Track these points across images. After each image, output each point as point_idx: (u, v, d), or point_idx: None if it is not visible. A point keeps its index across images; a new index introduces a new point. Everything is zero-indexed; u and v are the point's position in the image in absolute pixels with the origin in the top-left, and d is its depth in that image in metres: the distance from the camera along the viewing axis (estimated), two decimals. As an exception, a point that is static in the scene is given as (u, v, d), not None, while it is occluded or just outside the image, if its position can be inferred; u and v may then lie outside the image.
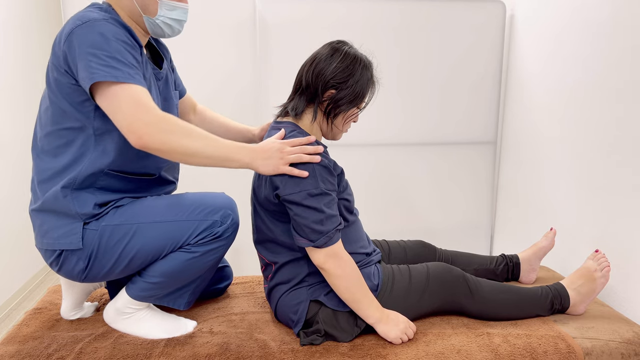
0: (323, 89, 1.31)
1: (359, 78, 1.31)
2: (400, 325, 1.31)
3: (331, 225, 1.25)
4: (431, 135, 2.43)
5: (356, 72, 1.31)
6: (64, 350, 1.28)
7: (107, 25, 1.15)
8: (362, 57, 1.34)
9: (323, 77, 1.30)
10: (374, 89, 1.38)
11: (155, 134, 1.12)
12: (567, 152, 1.91)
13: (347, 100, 1.32)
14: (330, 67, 1.30)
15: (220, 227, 1.28)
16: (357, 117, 1.39)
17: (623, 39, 1.60)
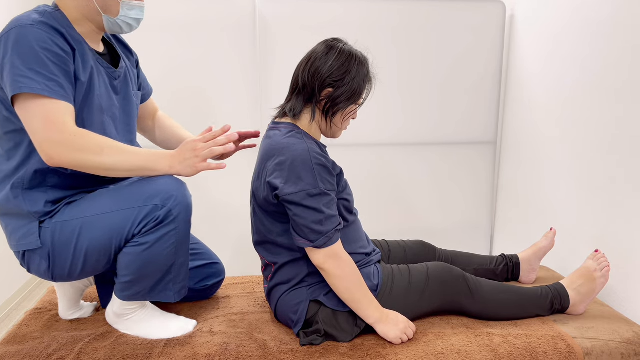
0: (320, 87, 1.31)
1: (356, 75, 1.31)
2: (400, 325, 1.31)
3: (330, 226, 1.25)
4: (431, 135, 2.42)
5: (352, 69, 1.30)
6: (63, 350, 1.28)
7: (34, 32, 1.14)
8: (358, 54, 1.34)
9: (319, 76, 1.30)
10: (371, 84, 1.38)
11: (65, 153, 1.12)
12: (567, 152, 1.91)
13: (345, 97, 1.31)
14: (326, 65, 1.29)
15: (161, 211, 1.21)
16: (355, 114, 1.39)
17: (623, 39, 1.60)
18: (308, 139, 1.32)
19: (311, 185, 1.24)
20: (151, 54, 2.19)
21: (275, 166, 1.27)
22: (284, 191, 1.24)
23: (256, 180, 1.36)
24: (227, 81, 2.25)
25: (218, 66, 2.24)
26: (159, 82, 2.22)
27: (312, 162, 1.25)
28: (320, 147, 1.35)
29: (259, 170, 1.34)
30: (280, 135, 1.32)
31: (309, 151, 1.26)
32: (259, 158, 1.37)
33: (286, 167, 1.25)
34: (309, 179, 1.24)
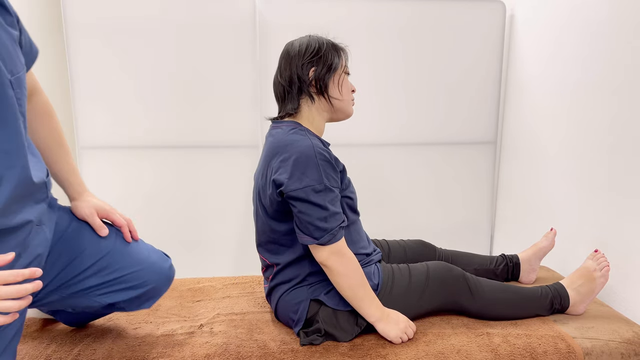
0: (303, 73, 1.34)
1: (324, 47, 1.36)
2: (400, 324, 1.31)
3: (335, 223, 1.25)
4: (432, 135, 2.42)
5: (318, 45, 1.35)
6: (62, 350, 1.28)
7: None
8: (314, 35, 1.41)
9: (296, 66, 1.33)
10: (344, 52, 1.43)
11: None
12: (567, 152, 1.90)
13: (328, 66, 1.35)
14: (296, 56, 1.34)
15: None
16: (351, 85, 1.42)
17: (623, 39, 1.60)
18: (311, 135, 1.32)
19: (316, 180, 1.23)
20: (151, 54, 2.19)
21: (280, 163, 1.27)
22: (289, 187, 1.24)
23: (260, 179, 1.36)
24: (227, 81, 2.25)
25: (218, 66, 2.24)
26: (159, 82, 2.22)
27: (316, 158, 1.25)
28: (324, 144, 1.35)
29: (263, 169, 1.34)
30: (283, 133, 1.32)
31: (314, 147, 1.26)
32: (263, 156, 1.37)
33: (290, 163, 1.25)
34: (314, 175, 1.24)
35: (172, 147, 2.29)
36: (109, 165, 2.27)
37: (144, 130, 2.26)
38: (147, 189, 2.31)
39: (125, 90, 2.22)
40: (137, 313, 1.50)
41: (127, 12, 2.15)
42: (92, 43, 2.17)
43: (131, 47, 2.18)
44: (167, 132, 2.27)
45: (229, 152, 2.32)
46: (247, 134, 2.31)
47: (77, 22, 2.14)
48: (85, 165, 2.26)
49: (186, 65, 2.22)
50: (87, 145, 2.25)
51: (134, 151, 2.27)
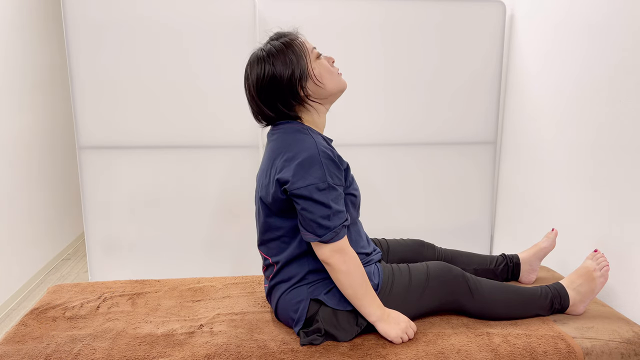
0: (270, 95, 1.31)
1: (279, 57, 1.30)
2: (401, 324, 1.31)
3: (338, 221, 1.25)
4: (432, 135, 2.42)
5: (273, 57, 1.30)
6: (62, 350, 1.28)
7: None
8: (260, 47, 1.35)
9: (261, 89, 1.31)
10: (300, 43, 1.33)
11: None
12: (567, 151, 1.90)
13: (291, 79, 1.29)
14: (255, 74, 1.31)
15: None
16: (326, 60, 1.36)
17: (622, 39, 1.60)
18: (314, 133, 1.32)
19: (320, 179, 1.23)
20: (151, 54, 2.19)
21: (284, 162, 1.27)
22: (293, 185, 1.24)
23: (264, 178, 1.36)
24: (227, 81, 2.25)
25: (218, 66, 2.24)
26: (158, 82, 2.22)
27: (320, 157, 1.25)
28: (327, 141, 1.35)
29: (267, 168, 1.34)
30: (286, 132, 1.33)
31: (317, 145, 1.26)
32: (266, 157, 1.37)
33: (294, 162, 1.25)
34: (318, 173, 1.24)
35: (172, 147, 2.29)
36: (109, 165, 2.27)
37: (144, 130, 2.26)
38: (147, 189, 2.31)
39: (125, 90, 2.22)
40: (137, 313, 1.50)
41: (127, 12, 2.15)
42: (92, 43, 2.17)
43: (131, 47, 2.18)
44: (167, 132, 2.27)
45: (229, 152, 2.32)
46: (247, 134, 2.31)
47: (77, 21, 2.14)
48: (85, 165, 2.26)
49: (186, 65, 2.22)
50: (87, 145, 2.25)
51: (134, 151, 2.27)
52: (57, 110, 3.31)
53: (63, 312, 1.50)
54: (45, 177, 3.10)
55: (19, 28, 2.78)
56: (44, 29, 3.13)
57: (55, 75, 3.31)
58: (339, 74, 1.38)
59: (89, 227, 2.32)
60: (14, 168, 2.69)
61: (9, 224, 2.63)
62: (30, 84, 2.91)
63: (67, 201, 3.46)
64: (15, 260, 2.68)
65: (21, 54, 2.80)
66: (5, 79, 2.62)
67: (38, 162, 3.00)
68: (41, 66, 3.07)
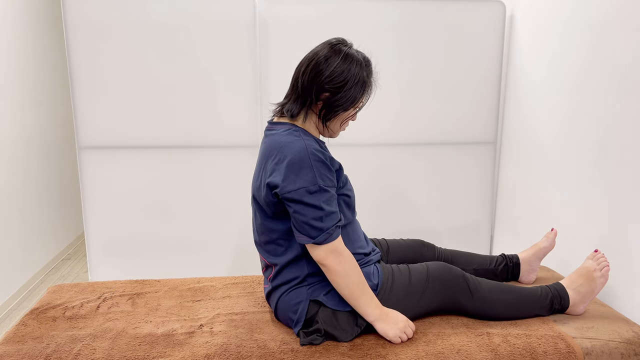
0: (317, 91, 1.30)
1: (355, 82, 1.30)
2: (399, 324, 1.31)
3: (331, 222, 1.25)
4: (431, 135, 2.42)
5: (352, 76, 1.29)
6: (62, 350, 1.28)
7: None
8: (360, 59, 1.32)
9: (319, 80, 1.29)
10: (370, 90, 1.36)
11: None
12: (567, 151, 1.90)
13: (342, 104, 1.31)
14: (327, 70, 1.28)
15: None
16: (355, 117, 1.39)
17: (622, 39, 1.60)
18: (306, 136, 1.32)
19: (310, 182, 1.24)
20: (151, 54, 2.19)
21: (274, 165, 1.27)
22: (284, 189, 1.24)
23: (256, 181, 1.36)
24: (227, 81, 2.25)
25: (218, 66, 2.24)
26: (158, 82, 2.22)
27: (310, 159, 1.25)
28: (319, 144, 1.35)
29: (259, 171, 1.35)
30: (278, 135, 1.32)
31: (307, 148, 1.26)
32: (259, 159, 1.37)
33: (284, 166, 1.25)
34: (308, 176, 1.24)
35: (172, 147, 2.29)
36: (108, 165, 2.27)
37: (144, 130, 2.26)
38: (147, 189, 2.31)
39: (125, 90, 2.22)
40: (137, 313, 1.50)
41: (127, 12, 2.15)
42: (92, 43, 2.17)
43: (131, 47, 2.18)
44: (167, 132, 2.27)
45: (229, 152, 2.32)
46: (247, 134, 2.31)
47: (77, 22, 2.14)
48: (85, 165, 2.26)
49: (186, 65, 2.22)
50: (87, 145, 2.25)
51: (134, 151, 2.27)
52: (57, 110, 3.31)
53: (63, 312, 1.50)
54: (45, 177, 3.10)
55: (20, 28, 2.78)
56: (44, 29, 3.13)
57: (55, 75, 3.31)
58: (344, 129, 1.41)
59: (89, 227, 2.32)
60: (14, 168, 2.69)
61: (9, 224, 2.63)
62: (30, 84, 2.91)
63: (67, 201, 3.46)
64: (16, 260, 2.68)
65: (21, 54, 2.80)
66: (5, 79, 2.62)
67: (38, 162, 3.00)
68: (41, 66, 3.07)
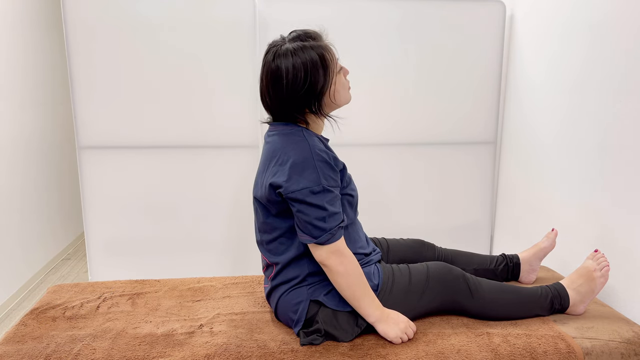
0: (290, 100, 1.28)
1: (311, 69, 1.25)
2: (400, 324, 1.31)
3: (334, 223, 1.25)
4: (431, 135, 2.42)
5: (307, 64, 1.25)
6: (62, 350, 1.28)
7: None
8: (297, 46, 1.27)
9: (283, 89, 1.27)
10: (331, 56, 1.30)
11: None
12: (567, 151, 1.90)
13: (314, 89, 1.27)
14: (284, 74, 1.26)
15: None
16: (344, 72, 1.34)
17: (622, 38, 1.60)
18: (309, 134, 1.31)
19: (314, 182, 1.23)
20: (151, 54, 2.19)
21: (278, 166, 1.27)
22: (287, 189, 1.24)
23: (259, 181, 1.36)
24: (227, 81, 2.25)
25: (218, 66, 2.24)
26: (158, 82, 2.22)
27: (314, 160, 1.25)
28: (323, 142, 1.34)
29: (263, 172, 1.34)
30: (281, 135, 1.32)
31: (311, 148, 1.26)
32: (262, 160, 1.37)
33: (288, 166, 1.25)
34: (312, 176, 1.24)
35: (172, 147, 2.29)
36: (108, 165, 2.27)
37: (144, 130, 2.26)
38: (147, 189, 2.31)
39: (125, 90, 2.22)
40: (137, 313, 1.50)
41: (127, 12, 2.15)
42: (92, 43, 2.16)
43: (131, 47, 2.18)
44: (167, 132, 2.27)
45: (229, 152, 2.32)
46: (247, 134, 2.31)
47: (77, 22, 2.14)
48: (85, 165, 2.26)
49: (186, 65, 2.22)
50: (87, 145, 2.25)
51: (133, 151, 2.27)
52: (57, 110, 3.31)
53: (63, 312, 1.50)
54: (45, 177, 3.10)
55: (20, 28, 2.77)
56: (44, 29, 3.13)
57: (55, 75, 3.31)
58: (349, 88, 1.38)
59: (89, 227, 2.32)
60: (14, 168, 2.69)
61: (9, 224, 2.63)
62: (30, 84, 2.91)
63: (67, 201, 3.46)
64: (16, 260, 2.68)
65: (22, 54, 2.80)
66: (5, 79, 2.62)
67: (38, 162, 3.00)
68: (41, 66, 3.07)
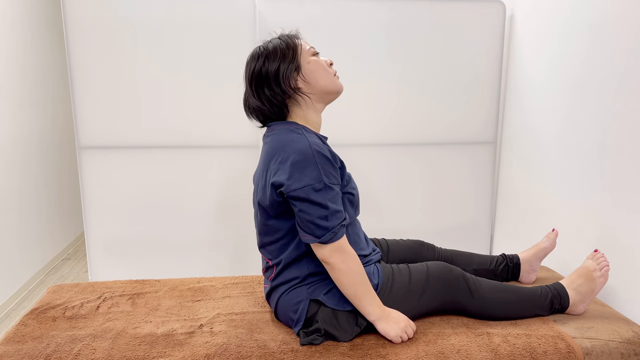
0: (262, 85, 1.33)
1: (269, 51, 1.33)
2: (400, 323, 1.31)
3: (336, 221, 1.25)
4: (431, 135, 2.42)
5: (265, 50, 1.34)
6: (62, 350, 1.28)
7: None
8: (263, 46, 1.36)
9: (255, 79, 1.33)
10: (295, 39, 1.37)
11: None
12: (567, 151, 1.90)
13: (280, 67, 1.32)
14: (251, 69, 1.34)
15: None
16: (324, 61, 1.38)
17: (622, 38, 1.60)
18: (308, 132, 1.31)
19: (315, 179, 1.23)
20: (151, 54, 2.19)
21: (278, 165, 1.27)
22: (289, 188, 1.24)
23: (260, 181, 1.36)
24: (227, 81, 2.25)
25: (218, 66, 2.24)
26: (159, 82, 2.22)
27: (314, 157, 1.25)
28: (322, 140, 1.34)
29: (262, 172, 1.34)
30: (280, 134, 1.32)
31: (311, 145, 1.26)
32: (261, 160, 1.37)
33: (289, 164, 1.25)
34: (313, 174, 1.24)
35: (173, 147, 2.29)
36: (108, 165, 2.28)
37: (144, 130, 2.26)
38: (147, 189, 2.31)
39: (126, 90, 2.22)
40: (137, 313, 1.50)
41: (127, 12, 2.15)
42: (92, 43, 2.17)
43: (131, 47, 2.18)
44: (167, 132, 2.27)
45: (229, 152, 2.32)
46: (247, 134, 2.31)
47: (77, 22, 2.14)
48: (85, 165, 2.26)
49: (186, 65, 2.22)
50: (87, 145, 2.25)
51: (133, 151, 2.27)
52: (57, 110, 3.31)
53: (63, 312, 1.50)
54: (45, 177, 3.10)
55: (19, 28, 2.78)
56: (44, 29, 3.13)
57: (55, 75, 3.31)
58: (336, 76, 1.39)
59: (89, 227, 2.32)
60: (13, 168, 2.69)
61: (9, 224, 2.63)
62: (30, 84, 2.91)
63: (67, 201, 3.46)
64: (16, 260, 2.68)
65: (21, 53, 2.80)
66: (5, 79, 2.62)
67: (38, 162, 3.00)
68: (41, 66, 3.07)
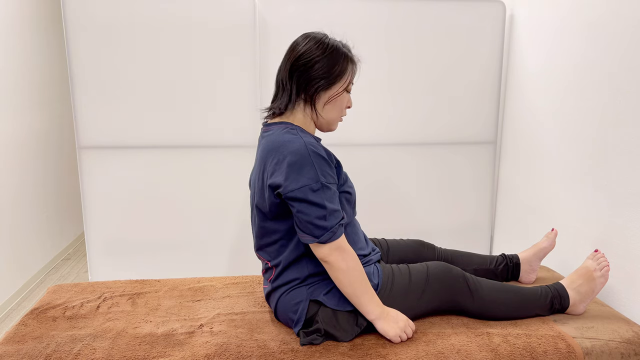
0: (291, 72, 1.31)
1: (331, 53, 1.31)
2: (400, 323, 1.31)
3: (334, 221, 1.25)
4: (431, 135, 2.42)
5: (328, 49, 1.31)
6: (62, 350, 1.28)
7: None
8: (334, 40, 1.34)
9: (296, 61, 1.31)
10: (353, 67, 1.36)
11: None
12: (567, 151, 1.90)
13: (321, 75, 1.30)
14: (302, 49, 1.31)
15: None
16: (349, 102, 1.38)
17: (622, 38, 1.60)
18: (303, 133, 1.31)
19: (312, 179, 1.23)
20: (151, 54, 2.19)
21: (275, 166, 1.27)
22: (287, 188, 1.24)
23: (257, 182, 1.35)
24: (227, 81, 2.25)
25: (218, 66, 2.24)
26: (159, 82, 2.22)
27: (310, 157, 1.24)
28: (317, 140, 1.34)
29: (259, 173, 1.34)
30: (275, 134, 1.32)
31: (306, 145, 1.26)
32: (257, 161, 1.36)
33: (285, 165, 1.25)
34: (310, 174, 1.23)
35: (172, 147, 2.29)
36: (108, 165, 2.27)
37: (144, 130, 2.26)
38: (147, 189, 2.31)
39: (126, 90, 2.22)
40: (137, 313, 1.50)
41: (127, 12, 2.15)
42: (92, 43, 2.17)
43: (131, 47, 2.18)
44: (167, 132, 2.27)
45: (229, 152, 2.32)
46: (247, 134, 2.31)
47: (77, 22, 2.14)
48: (85, 165, 2.26)
49: (186, 65, 2.22)
50: (87, 145, 2.25)
51: (133, 151, 2.27)
52: (57, 110, 3.31)
53: (63, 312, 1.50)
54: (45, 177, 3.10)
55: (19, 28, 2.78)
56: (44, 29, 3.13)
57: (55, 75, 3.31)
58: (340, 119, 1.40)
59: (89, 227, 2.32)
60: (13, 168, 2.69)
61: (9, 224, 2.63)
62: (30, 84, 2.91)
63: (67, 201, 3.46)
64: (16, 260, 2.68)
65: (21, 54, 2.80)
66: (5, 78, 2.62)
67: (38, 162, 3.01)
68: (41, 66, 3.07)
